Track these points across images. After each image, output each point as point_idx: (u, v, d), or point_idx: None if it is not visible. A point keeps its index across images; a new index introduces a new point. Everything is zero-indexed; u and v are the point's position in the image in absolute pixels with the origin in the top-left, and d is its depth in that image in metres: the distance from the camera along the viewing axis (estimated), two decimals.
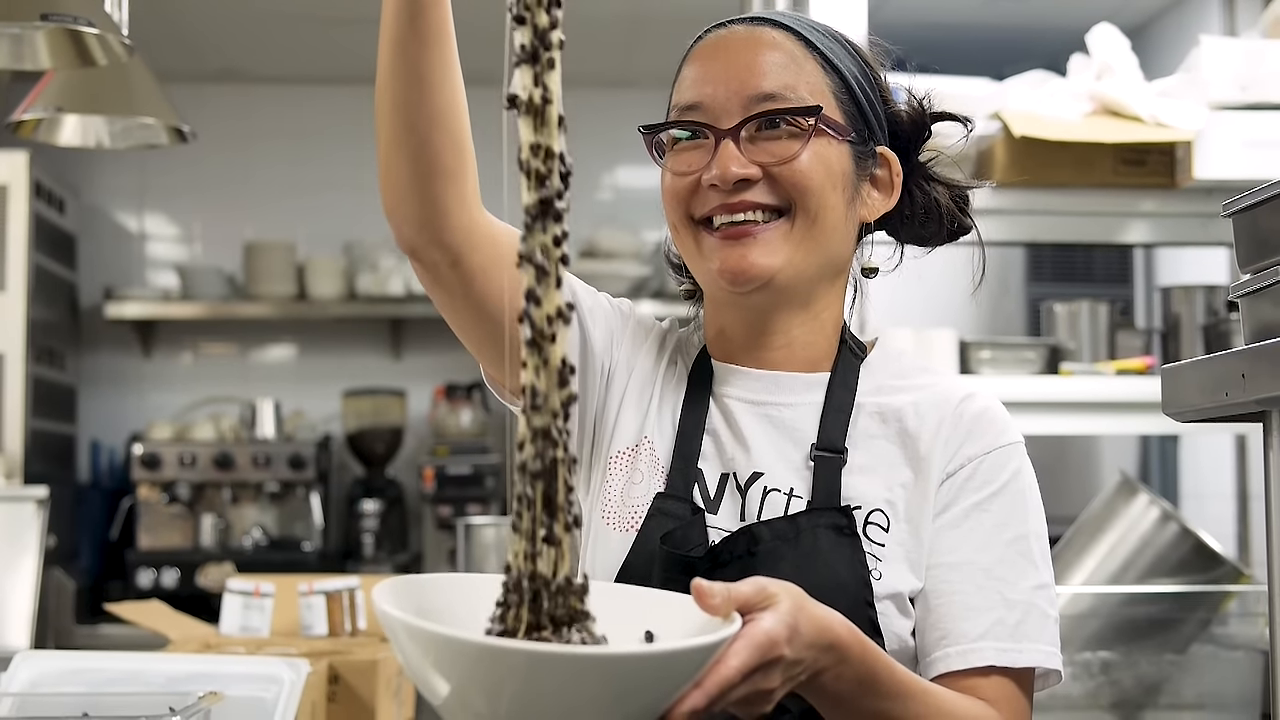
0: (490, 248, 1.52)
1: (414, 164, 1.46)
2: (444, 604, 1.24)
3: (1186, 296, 3.51)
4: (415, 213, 1.48)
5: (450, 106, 1.46)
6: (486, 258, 1.51)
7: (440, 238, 1.49)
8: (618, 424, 1.61)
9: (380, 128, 1.47)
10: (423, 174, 1.46)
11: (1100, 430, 4.07)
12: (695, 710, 1.16)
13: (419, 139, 1.45)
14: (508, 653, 1.08)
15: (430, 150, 1.46)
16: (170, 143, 3.05)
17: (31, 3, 2.37)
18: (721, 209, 1.56)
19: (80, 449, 5.79)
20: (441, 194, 1.47)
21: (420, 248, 1.50)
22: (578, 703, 1.09)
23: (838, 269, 1.62)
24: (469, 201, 1.50)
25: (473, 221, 1.50)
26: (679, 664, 1.14)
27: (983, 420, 1.56)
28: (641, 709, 1.14)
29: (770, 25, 1.61)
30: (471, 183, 1.50)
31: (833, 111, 1.58)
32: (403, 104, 1.45)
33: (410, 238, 1.50)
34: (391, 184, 1.48)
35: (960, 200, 1.70)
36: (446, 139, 1.46)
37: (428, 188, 1.47)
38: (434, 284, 1.53)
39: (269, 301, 5.75)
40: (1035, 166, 3.28)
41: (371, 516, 5.57)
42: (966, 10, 5.31)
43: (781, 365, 1.61)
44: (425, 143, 1.45)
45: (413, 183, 1.47)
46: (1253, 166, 3.24)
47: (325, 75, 6.11)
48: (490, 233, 1.53)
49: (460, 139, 1.48)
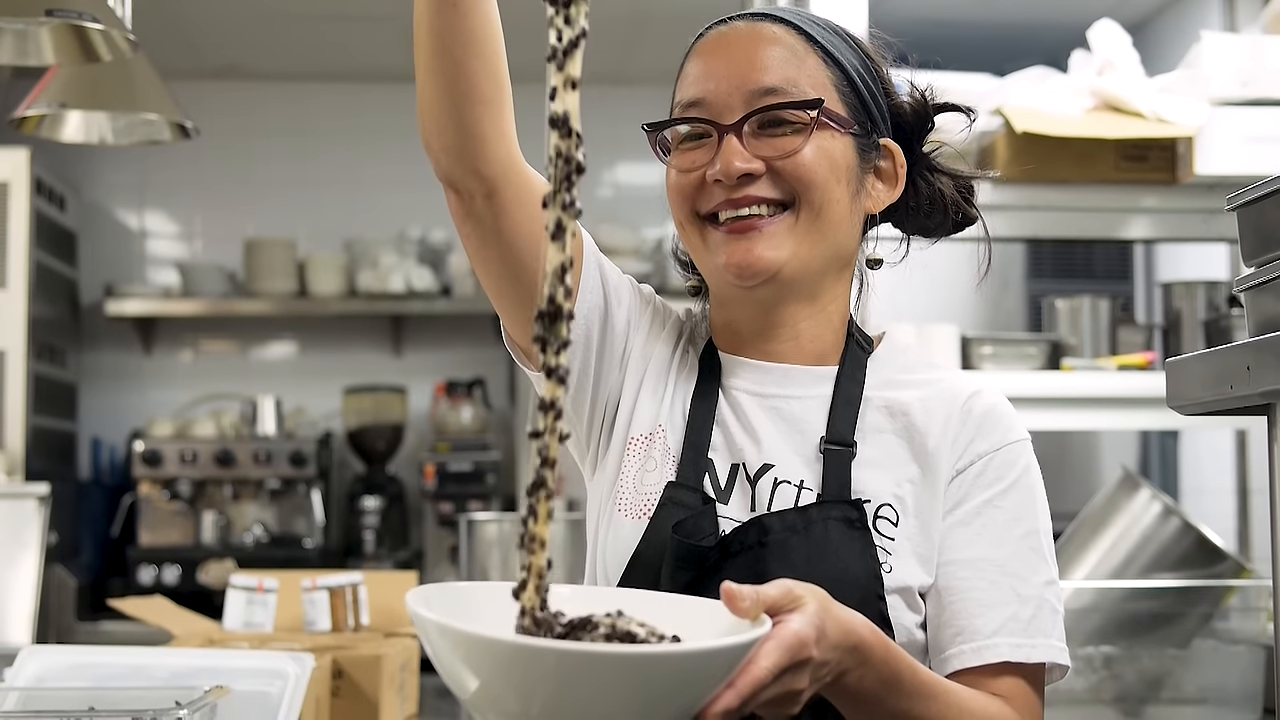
0: (525, 184, 1.53)
1: (450, 90, 1.47)
2: (477, 608, 1.24)
3: (1188, 292, 3.51)
4: (452, 140, 1.49)
5: (485, 31, 1.47)
6: (520, 193, 1.52)
7: (477, 167, 1.50)
8: (635, 410, 1.62)
9: (418, 54, 1.49)
10: (459, 100, 1.48)
11: (1102, 425, 4.08)
12: (729, 710, 1.17)
13: (454, 64, 1.46)
14: (540, 652, 1.09)
15: (466, 76, 1.47)
16: (173, 139, 3.06)
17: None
18: (726, 204, 1.56)
19: (81, 446, 5.79)
20: (478, 121, 1.48)
21: (457, 176, 1.51)
22: (610, 703, 1.10)
23: (844, 261, 1.63)
24: (506, 133, 1.51)
25: (509, 155, 1.52)
26: (712, 664, 1.15)
27: (991, 417, 1.57)
28: (674, 710, 1.15)
29: (771, 20, 1.61)
30: (508, 115, 1.52)
31: (835, 104, 1.59)
32: (438, 29, 1.46)
33: (448, 166, 1.51)
34: (429, 111, 1.50)
35: (965, 191, 1.71)
36: (481, 65, 1.47)
37: (465, 115, 1.48)
38: (466, 216, 1.54)
39: (269, 298, 5.75)
40: (1036, 162, 3.29)
41: (372, 513, 5.58)
42: (967, 6, 5.32)
43: (789, 358, 1.61)
44: (461, 68, 1.47)
45: (450, 109, 1.48)
46: (1254, 162, 3.24)
47: (326, 72, 6.12)
48: (525, 170, 1.54)
49: (496, 66, 1.49)
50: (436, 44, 1.47)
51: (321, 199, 6.11)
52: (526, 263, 1.55)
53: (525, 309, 1.59)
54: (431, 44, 1.48)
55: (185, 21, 5.51)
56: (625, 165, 6.31)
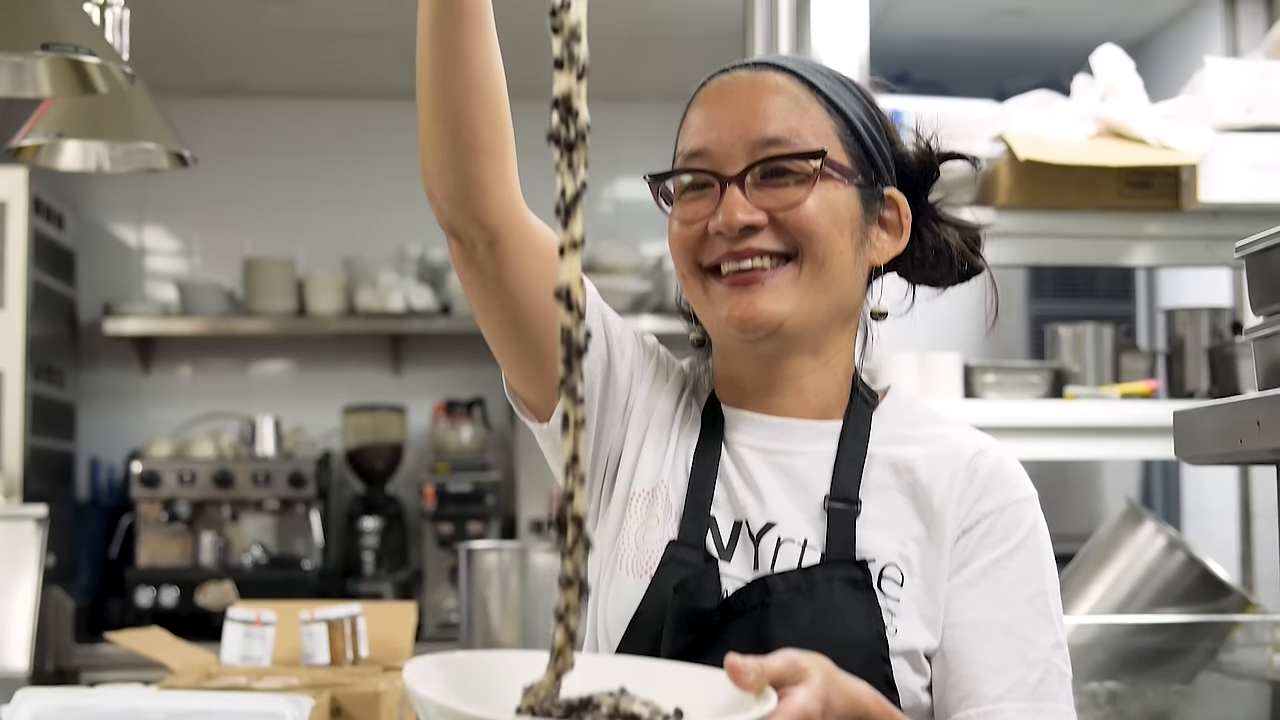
0: (527, 233, 1.52)
1: (453, 138, 1.47)
2: (478, 682, 1.22)
3: (1191, 319, 3.49)
4: (454, 188, 1.48)
5: (488, 81, 1.47)
6: (522, 241, 1.51)
7: (478, 214, 1.49)
8: (638, 465, 1.60)
9: (420, 103, 1.48)
10: (461, 149, 1.47)
11: (1106, 455, 4.05)
12: None
13: (457, 113, 1.46)
14: None
15: (469, 125, 1.46)
16: (171, 166, 3.04)
17: (32, 33, 2.36)
18: (729, 256, 1.54)
19: (79, 466, 5.77)
20: (481, 170, 1.48)
21: (459, 224, 1.50)
22: None
23: (848, 314, 1.61)
24: (508, 181, 1.50)
25: (512, 202, 1.51)
26: None
27: (997, 475, 1.55)
28: None
29: (774, 70, 1.60)
30: (510, 162, 1.51)
31: (838, 155, 1.57)
32: (440, 78, 1.45)
33: (449, 214, 1.50)
34: (431, 159, 1.49)
35: (971, 241, 1.69)
36: (484, 114, 1.47)
37: (467, 163, 1.47)
38: (468, 265, 1.53)
39: (268, 317, 5.73)
40: (1039, 189, 3.28)
41: (371, 534, 5.55)
42: (968, 24, 5.30)
43: (792, 412, 1.60)
44: (463, 117, 1.46)
45: (452, 158, 1.47)
46: (1258, 189, 3.23)
47: (325, 89, 6.10)
48: (527, 218, 1.53)
49: (498, 115, 1.48)
50: (439, 93, 1.46)
51: (320, 217, 6.09)
52: (528, 310, 1.54)
53: (526, 359, 1.57)
54: (434, 93, 1.47)
55: (184, 39, 5.50)
56: (625, 181, 6.29)
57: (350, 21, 5.31)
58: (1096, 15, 5.19)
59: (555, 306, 1.53)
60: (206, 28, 5.42)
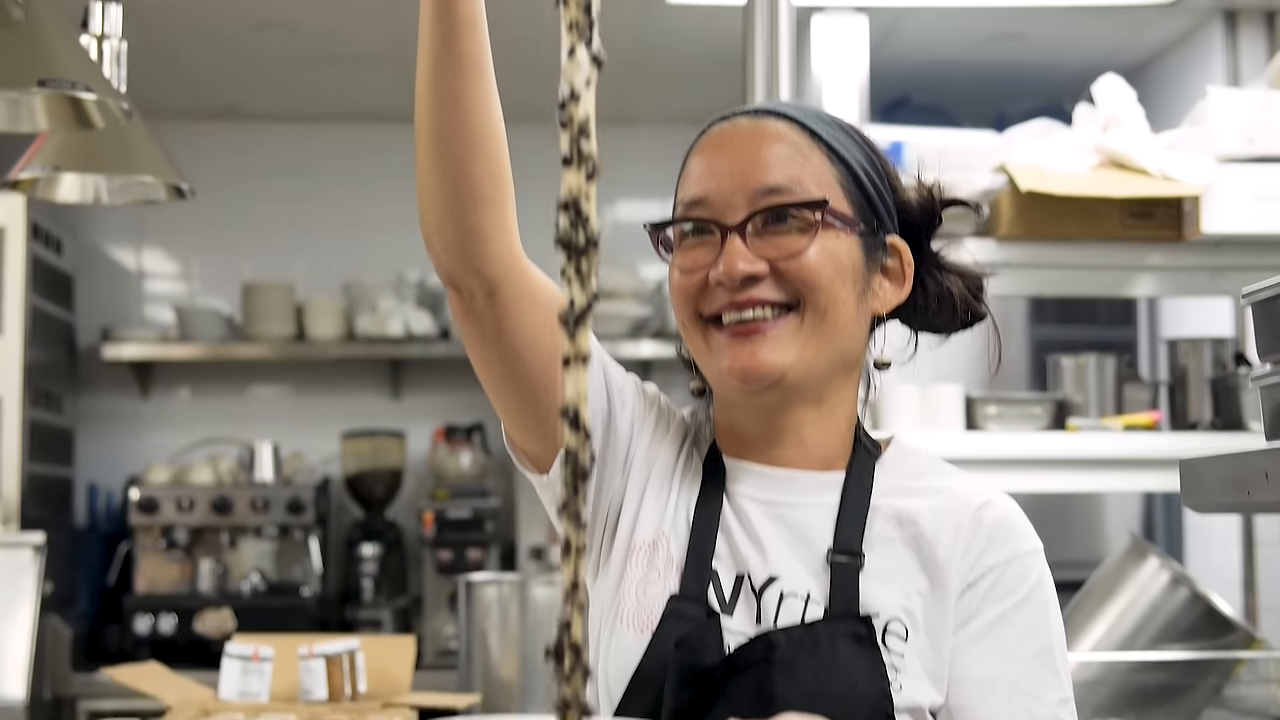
0: (527, 283, 1.51)
1: (452, 190, 1.45)
2: None
3: (1194, 349, 3.48)
4: (454, 239, 1.47)
5: (486, 132, 1.46)
6: (522, 292, 1.50)
7: (478, 266, 1.48)
8: (639, 517, 1.58)
9: (419, 153, 1.47)
10: (461, 200, 1.46)
11: (1108, 487, 4.04)
12: None
13: (456, 164, 1.45)
14: None
15: (468, 176, 1.45)
16: (169, 199, 3.03)
17: (29, 68, 2.35)
18: (730, 306, 1.53)
19: (77, 492, 5.74)
20: (480, 221, 1.46)
21: (458, 275, 1.49)
22: None
23: (850, 364, 1.59)
24: (508, 231, 1.49)
25: (511, 252, 1.50)
26: None
27: (1002, 528, 1.53)
28: None
29: (775, 117, 1.58)
30: (510, 212, 1.50)
31: (840, 203, 1.55)
32: (439, 128, 1.44)
33: (448, 265, 1.49)
34: (430, 210, 1.48)
35: (974, 288, 1.67)
36: (483, 165, 1.46)
37: (466, 214, 1.46)
38: (467, 315, 1.52)
39: (267, 342, 5.71)
40: (1042, 220, 3.27)
41: (370, 560, 5.52)
42: (968, 48, 5.30)
43: (794, 463, 1.58)
44: (463, 168, 1.45)
45: (451, 208, 1.46)
46: (1261, 220, 3.22)
47: (324, 113, 6.09)
48: (527, 269, 1.52)
49: (498, 166, 1.47)
50: (438, 144, 1.45)
51: (320, 241, 6.08)
52: (527, 361, 1.52)
53: (525, 411, 1.56)
54: (433, 144, 1.45)
55: (182, 63, 5.49)
56: (625, 203, 6.27)
57: (349, 46, 5.30)
58: (1096, 39, 5.18)
59: (555, 356, 1.53)
60: (205, 52, 5.41)
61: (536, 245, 2.12)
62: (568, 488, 0.88)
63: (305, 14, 4.98)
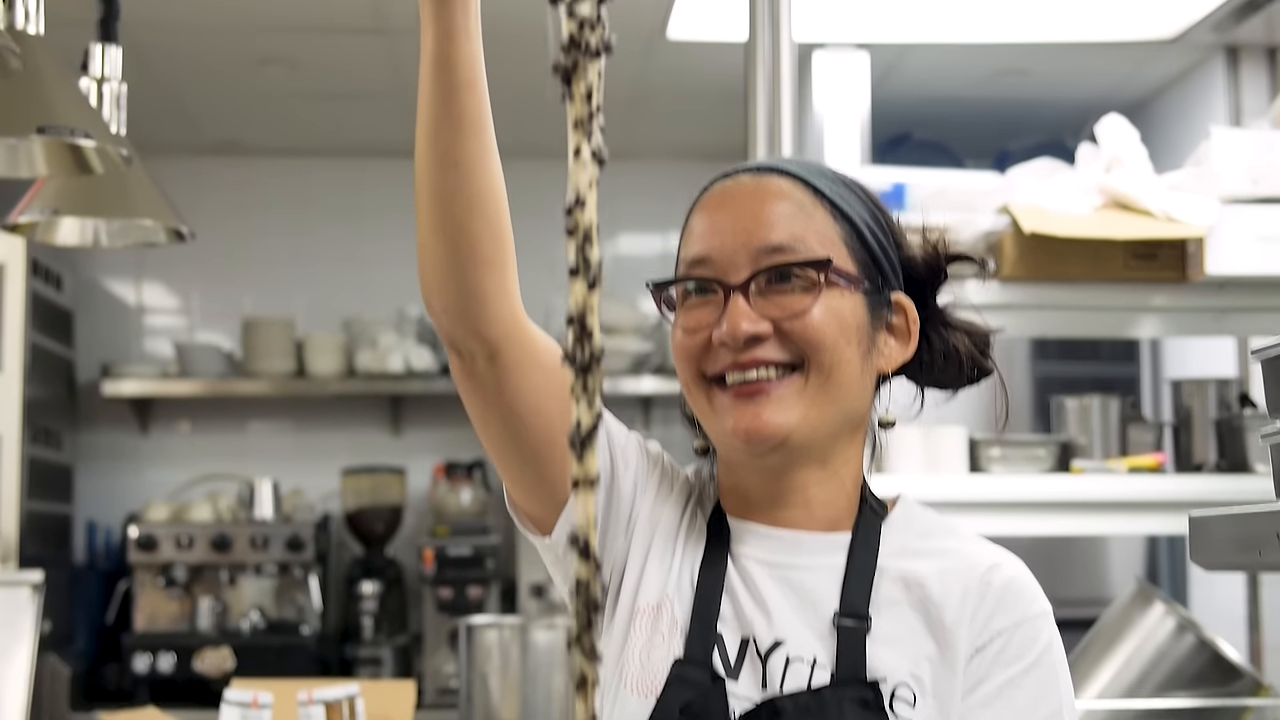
0: (528, 344, 1.49)
1: (453, 251, 1.44)
2: None
3: (1198, 390, 3.46)
4: (454, 300, 1.46)
5: (488, 192, 1.44)
6: (523, 354, 1.49)
7: (478, 327, 1.46)
8: (643, 579, 1.56)
9: (419, 213, 1.45)
10: (461, 261, 1.44)
11: (1113, 530, 4.02)
12: None
13: (456, 225, 1.43)
14: None
15: (469, 237, 1.44)
16: (169, 242, 3.01)
17: (28, 115, 2.34)
18: (733, 367, 1.51)
19: (76, 529, 5.72)
20: (481, 282, 1.45)
21: (459, 337, 1.48)
22: None
23: (855, 424, 1.57)
24: (509, 293, 1.48)
25: (513, 314, 1.48)
26: None
27: (1011, 591, 1.51)
28: None
29: (777, 174, 1.57)
30: (511, 274, 1.48)
31: (844, 261, 1.54)
32: (439, 189, 1.43)
33: (449, 326, 1.48)
34: (430, 271, 1.46)
35: (981, 344, 1.66)
36: (484, 226, 1.44)
37: (467, 275, 1.44)
38: (468, 377, 1.50)
39: (267, 378, 5.69)
40: (1045, 261, 3.24)
41: (370, 598, 5.50)
42: (969, 84, 5.29)
43: (800, 524, 1.56)
44: (463, 229, 1.43)
45: (452, 270, 1.45)
46: (1266, 261, 3.20)
47: (325, 148, 6.09)
48: (528, 330, 1.50)
49: (499, 227, 1.46)
50: (438, 205, 1.44)
51: (320, 276, 6.07)
52: (529, 423, 1.51)
53: (528, 472, 1.54)
54: (433, 205, 1.44)
55: (183, 99, 5.48)
56: (626, 237, 6.27)
57: (349, 82, 5.30)
58: (1098, 75, 5.18)
59: (557, 419, 1.51)
60: (205, 88, 5.41)
61: (532, 280, 2.11)
62: (579, 620, 0.85)
63: (305, 50, 4.98)
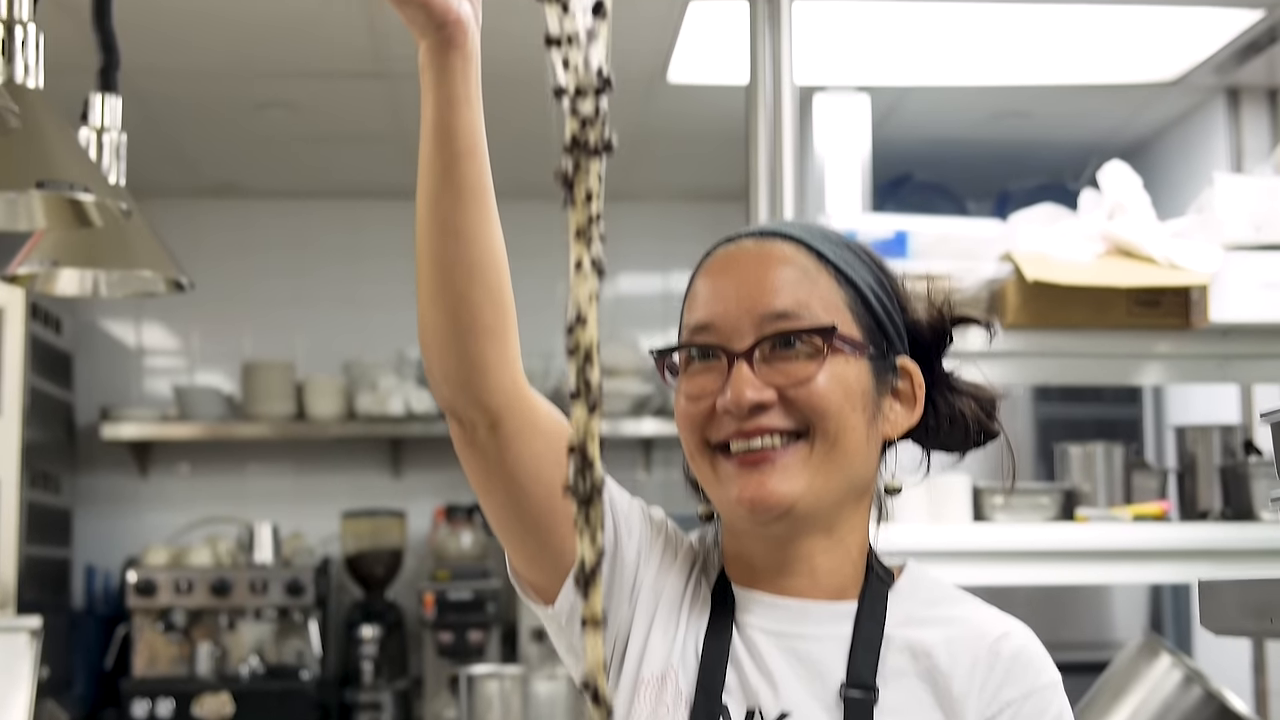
0: (529, 412, 1.47)
1: (453, 320, 1.42)
2: None
3: (1202, 437, 3.44)
4: (455, 369, 1.44)
5: (488, 260, 1.42)
6: (525, 422, 1.47)
7: (479, 396, 1.45)
8: (647, 650, 1.54)
9: (419, 283, 1.44)
10: (462, 330, 1.42)
11: (1119, 579, 4.00)
12: None
13: (457, 294, 1.42)
14: None
15: (469, 306, 1.42)
16: (168, 292, 3.00)
17: (26, 170, 2.32)
18: (738, 435, 1.49)
19: (75, 574, 5.70)
20: (482, 351, 1.43)
21: (460, 406, 1.46)
22: None
23: (861, 491, 1.56)
24: (510, 362, 1.46)
25: (514, 383, 1.46)
26: None
27: (1020, 661, 1.49)
28: None
29: (781, 239, 1.55)
30: (512, 343, 1.46)
31: (849, 327, 1.52)
32: (439, 257, 1.41)
33: (449, 396, 1.46)
34: (431, 339, 1.45)
35: (987, 407, 1.64)
36: (485, 294, 1.42)
37: (467, 344, 1.43)
38: (468, 446, 1.48)
39: (267, 422, 5.68)
40: (1048, 308, 3.23)
41: (370, 642, 5.47)
42: (970, 126, 5.29)
43: (805, 593, 1.54)
44: (464, 298, 1.42)
45: (452, 339, 1.43)
46: (1269, 308, 3.19)
47: (324, 189, 6.08)
48: (530, 398, 1.48)
49: (500, 295, 1.44)
50: (439, 273, 1.42)
51: (320, 319, 6.06)
52: (530, 492, 1.49)
53: (529, 541, 1.53)
54: (433, 273, 1.42)
55: (183, 140, 5.48)
56: (627, 277, 6.26)
57: (349, 125, 5.30)
58: (1099, 117, 5.18)
59: (558, 488, 1.50)
60: (205, 132, 5.41)
61: (533, 323, 2.09)
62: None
63: (304, 94, 4.98)
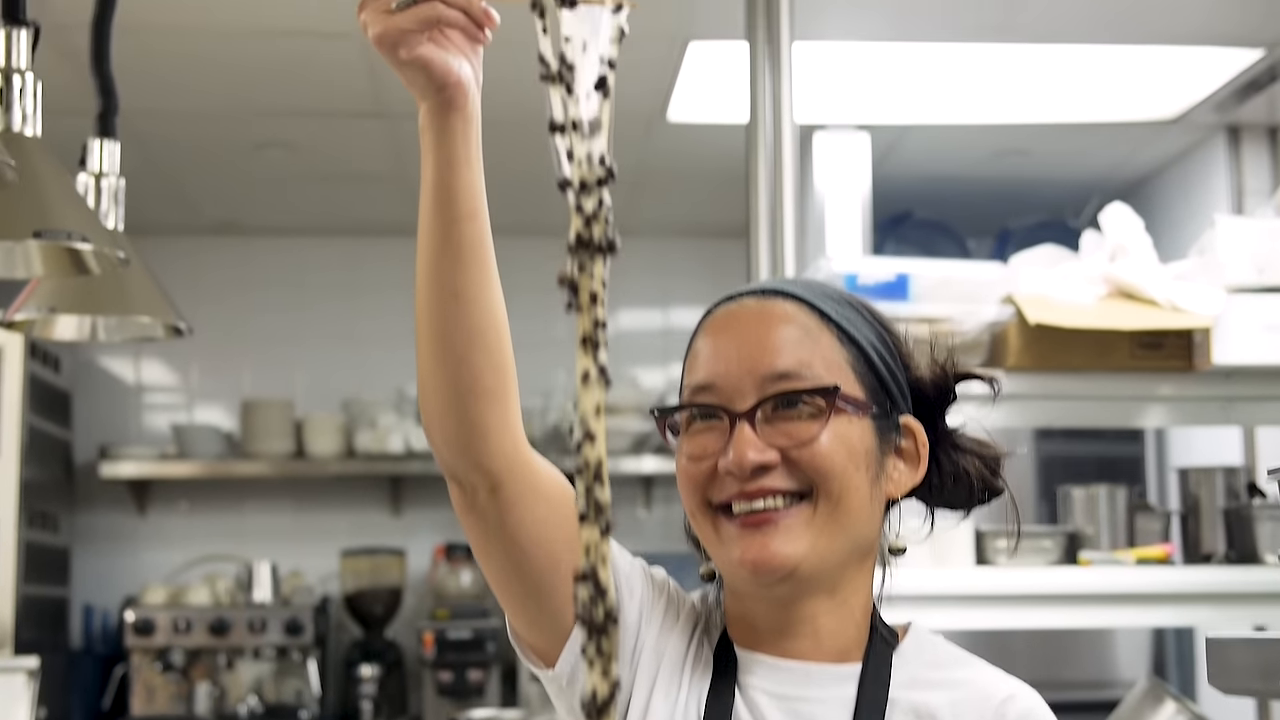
0: (530, 476, 1.46)
1: (453, 383, 1.41)
2: None
3: (1205, 479, 3.43)
4: (455, 433, 1.43)
5: (488, 323, 1.42)
6: (525, 486, 1.46)
7: (479, 460, 1.43)
8: (648, 712, 1.52)
9: (419, 345, 1.43)
10: (462, 394, 1.41)
11: (1121, 623, 3.98)
12: None
13: (456, 357, 1.41)
14: None
15: (469, 369, 1.41)
16: (166, 338, 2.99)
17: (23, 220, 2.31)
18: (740, 496, 1.47)
19: (73, 613, 5.67)
20: (482, 415, 1.42)
21: (460, 470, 1.45)
22: None
23: (864, 551, 1.54)
24: (511, 425, 1.45)
25: (515, 446, 1.45)
26: None
27: None
28: None
29: (783, 297, 1.54)
30: (513, 406, 1.45)
31: (851, 386, 1.50)
32: (439, 320, 1.41)
33: (449, 459, 1.45)
34: (430, 402, 1.44)
35: (992, 464, 1.63)
36: (485, 358, 1.41)
37: (467, 407, 1.42)
38: (469, 510, 1.47)
39: (266, 460, 5.66)
40: (1050, 351, 3.22)
41: (370, 681, 5.44)
42: (970, 164, 5.29)
43: (808, 655, 1.52)
44: (464, 361, 1.41)
45: (452, 402, 1.42)
46: (1272, 351, 3.19)
47: (323, 227, 6.08)
48: (531, 461, 1.47)
49: (500, 359, 1.43)
50: (439, 336, 1.41)
51: (319, 357, 6.04)
52: (531, 556, 1.47)
53: (530, 604, 1.51)
54: (433, 336, 1.41)
55: (182, 179, 5.48)
56: (626, 313, 6.25)
57: (349, 164, 5.29)
58: (1099, 156, 5.18)
59: (560, 550, 1.48)
60: (204, 171, 5.41)
61: (533, 360, 2.07)
62: None
63: (303, 134, 4.98)
